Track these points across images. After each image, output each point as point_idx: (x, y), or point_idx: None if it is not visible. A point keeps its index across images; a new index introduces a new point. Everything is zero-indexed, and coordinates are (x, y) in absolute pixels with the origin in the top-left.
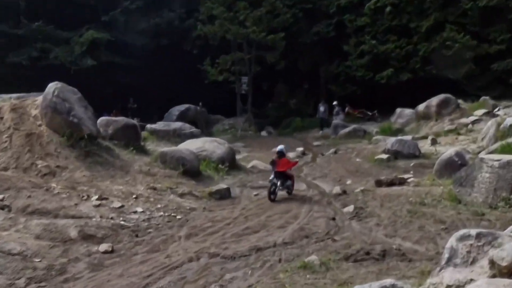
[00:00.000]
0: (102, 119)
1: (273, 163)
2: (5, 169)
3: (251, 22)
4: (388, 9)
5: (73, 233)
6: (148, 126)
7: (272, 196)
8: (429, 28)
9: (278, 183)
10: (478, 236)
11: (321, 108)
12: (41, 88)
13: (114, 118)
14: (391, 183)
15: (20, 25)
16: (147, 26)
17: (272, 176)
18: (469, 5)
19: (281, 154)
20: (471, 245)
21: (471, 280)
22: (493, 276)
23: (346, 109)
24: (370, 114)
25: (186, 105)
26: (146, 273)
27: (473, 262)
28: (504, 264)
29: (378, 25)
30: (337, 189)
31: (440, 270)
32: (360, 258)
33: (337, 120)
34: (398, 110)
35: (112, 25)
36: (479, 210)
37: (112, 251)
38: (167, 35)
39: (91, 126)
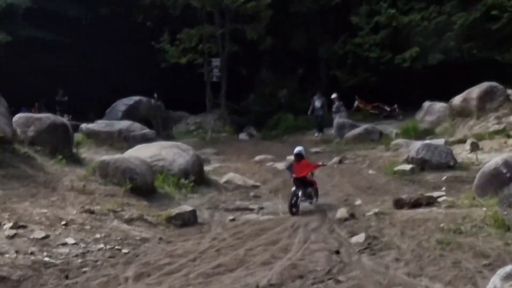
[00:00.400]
0: (20, 117)
1: (290, 168)
2: None
3: None
4: None
5: None
6: (83, 126)
7: (294, 210)
8: None
9: (300, 193)
10: None
11: (317, 103)
12: None
13: (36, 115)
14: (415, 204)
15: None
16: None
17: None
18: None
19: (299, 156)
20: None
21: None
22: None
23: (356, 103)
24: (388, 109)
25: (136, 98)
26: None
27: None
28: None
29: None
30: (342, 212)
31: None
32: None
33: (340, 119)
34: (426, 104)
35: None
36: None
37: None
38: (110, 2)
39: (3, 126)
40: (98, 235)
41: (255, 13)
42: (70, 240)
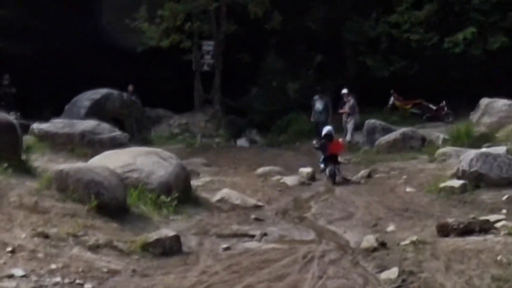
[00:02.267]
0: None
1: (323, 146)
2: None
3: None
4: None
5: None
6: (36, 126)
7: (336, 179)
8: None
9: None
10: None
11: (318, 105)
12: None
13: None
14: (465, 231)
15: None
16: None
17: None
18: None
19: (330, 136)
20: None
21: None
22: None
23: (391, 100)
24: (434, 108)
25: (104, 91)
26: None
27: None
28: None
29: None
30: (370, 240)
31: None
32: None
33: (351, 124)
34: (484, 101)
35: None
36: None
37: None
38: None
39: None
40: (54, 266)
41: None
42: (18, 272)
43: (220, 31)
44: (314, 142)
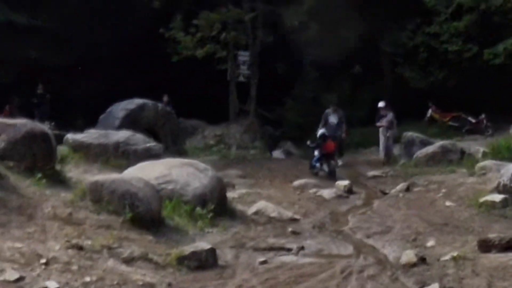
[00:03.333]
0: None
1: (320, 146)
2: None
3: None
4: None
5: None
6: (70, 136)
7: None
8: None
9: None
10: None
11: (332, 119)
12: None
13: (8, 120)
14: (508, 246)
15: None
16: None
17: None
18: None
19: (325, 137)
20: None
21: None
22: None
23: (429, 112)
24: (473, 121)
25: (139, 101)
26: None
27: None
28: None
29: None
30: (409, 255)
31: None
32: None
33: (390, 139)
34: None
35: None
36: None
37: None
38: None
39: None
40: (88, 278)
41: None
42: (52, 284)
43: (256, 41)
44: (308, 142)
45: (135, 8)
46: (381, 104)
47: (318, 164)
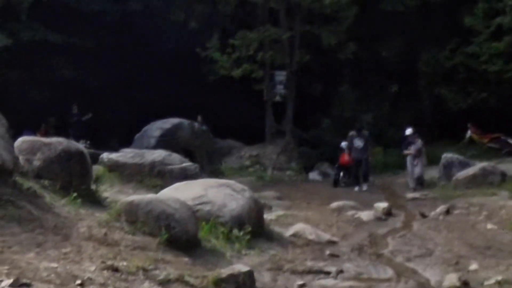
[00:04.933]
0: (23, 141)
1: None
2: None
3: None
4: None
5: None
6: (105, 155)
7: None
8: None
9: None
10: None
11: (358, 142)
12: None
13: (43, 139)
14: None
15: None
16: None
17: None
18: None
19: (341, 150)
20: None
21: None
22: None
23: (468, 133)
24: None
25: (175, 121)
26: None
27: None
28: None
29: None
30: (452, 279)
31: None
32: None
33: (418, 169)
34: None
35: None
36: None
37: None
38: None
39: (2, 152)
40: None
41: (335, 11)
42: None
43: (293, 60)
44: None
45: (171, 28)
46: (408, 131)
47: (336, 176)
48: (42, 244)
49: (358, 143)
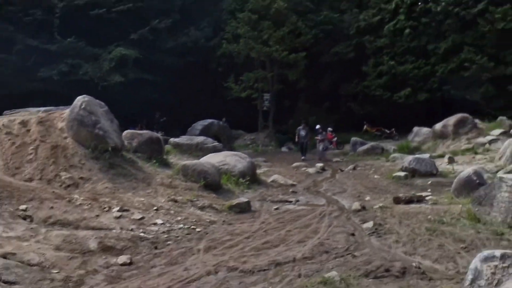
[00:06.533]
0: (127, 132)
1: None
2: (30, 180)
3: (274, 41)
4: (407, 31)
5: (92, 244)
6: (172, 140)
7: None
8: (447, 50)
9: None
10: (503, 257)
11: (302, 132)
12: (69, 103)
13: (138, 131)
14: (409, 201)
15: (53, 41)
16: (174, 44)
17: None
18: (487, 28)
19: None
20: (495, 266)
21: None
22: None
23: (364, 127)
24: (388, 132)
25: (209, 120)
26: (163, 286)
27: (498, 284)
28: None
29: (397, 47)
30: (356, 205)
31: None
32: (380, 275)
33: (321, 148)
34: (416, 128)
35: (141, 43)
36: (498, 229)
37: (130, 263)
38: (193, 53)
39: (116, 138)
40: (179, 218)
41: (295, 62)
42: (159, 221)
43: (273, 88)
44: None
45: (209, 71)
46: (317, 126)
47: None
48: (135, 188)
49: (302, 132)
